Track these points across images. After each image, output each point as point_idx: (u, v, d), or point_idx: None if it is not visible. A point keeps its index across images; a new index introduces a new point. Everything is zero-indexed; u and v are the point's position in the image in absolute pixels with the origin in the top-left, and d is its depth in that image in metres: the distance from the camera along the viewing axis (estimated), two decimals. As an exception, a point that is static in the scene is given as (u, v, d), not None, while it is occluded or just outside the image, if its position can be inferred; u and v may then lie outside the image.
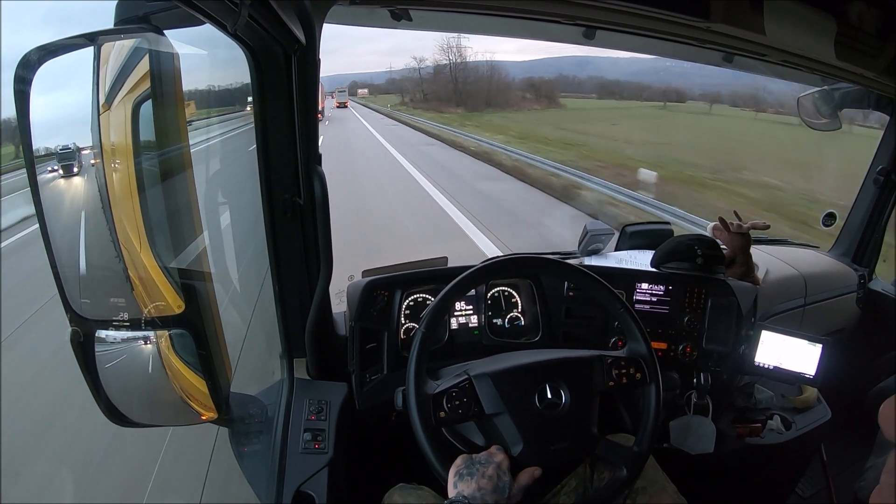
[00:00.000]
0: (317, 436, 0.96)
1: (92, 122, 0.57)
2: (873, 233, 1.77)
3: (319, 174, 0.97)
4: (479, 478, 0.77)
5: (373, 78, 49.62)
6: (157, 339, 0.64)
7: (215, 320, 0.71)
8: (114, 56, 0.57)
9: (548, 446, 0.84)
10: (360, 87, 46.26)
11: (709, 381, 1.26)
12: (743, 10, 1.02)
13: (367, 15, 1.01)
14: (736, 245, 1.40)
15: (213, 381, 0.68)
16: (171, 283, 0.63)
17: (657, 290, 1.30)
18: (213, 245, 1.24)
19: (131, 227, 0.60)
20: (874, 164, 1.70)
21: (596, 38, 1.15)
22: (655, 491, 0.97)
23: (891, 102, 1.55)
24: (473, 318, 1.27)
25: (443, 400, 0.84)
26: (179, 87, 0.61)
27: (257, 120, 0.93)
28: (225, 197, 1.40)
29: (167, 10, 0.62)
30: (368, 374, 1.15)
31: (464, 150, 13.91)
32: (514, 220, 6.71)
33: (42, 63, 0.56)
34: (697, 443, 1.27)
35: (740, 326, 1.28)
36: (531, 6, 1.03)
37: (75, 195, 0.60)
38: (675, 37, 1.14)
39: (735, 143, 13.17)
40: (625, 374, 0.91)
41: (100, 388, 0.64)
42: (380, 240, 5.18)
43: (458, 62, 31.52)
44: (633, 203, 6.80)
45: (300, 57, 0.88)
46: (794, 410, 1.35)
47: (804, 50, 1.19)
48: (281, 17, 0.73)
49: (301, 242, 1.03)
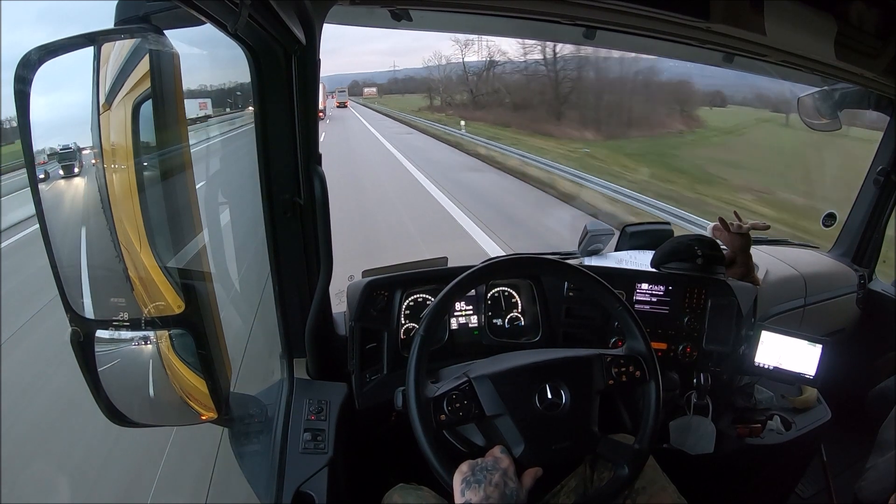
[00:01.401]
0: (317, 436, 0.96)
1: (92, 122, 0.57)
2: (873, 233, 1.77)
3: (319, 174, 0.97)
4: (487, 485, 0.77)
5: (374, 77, 46.87)
6: (157, 339, 0.64)
7: (215, 320, 0.71)
8: (114, 56, 0.56)
9: (549, 446, 0.84)
10: (366, 87, 43.20)
11: (709, 382, 1.26)
12: (743, 10, 1.02)
13: (367, 15, 1.01)
14: (736, 245, 1.40)
15: (213, 381, 0.68)
16: (171, 283, 0.63)
17: (657, 291, 1.30)
18: (214, 245, 1.24)
19: (131, 227, 0.60)
20: (874, 165, 1.70)
21: (596, 38, 1.16)
22: (655, 491, 0.97)
23: (891, 103, 1.55)
24: (473, 318, 1.27)
25: (443, 403, 0.84)
26: (179, 87, 0.61)
27: (257, 120, 0.93)
28: (225, 197, 1.40)
29: (167, 10, 0.62)
30: (368, 375, 1.15)
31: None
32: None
33: (42, 63, 0.56)
34: (697, 443, 1.27)
35: (740, 327, 1.28)
36: (531, 6, 1.03)
37: (75, 195, 0.60)
38: (675, 37, 1.14)
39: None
40: (624, 373, 0.91)
41: (100, 388, 0.64)
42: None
43: (560, 56, 17.68)
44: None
45: (300, 57, 0.88)
46: (794, 411, 1.35)
47: (804, 50, 1.19)
48: (281, 17, 0.73)
49: (301, 242, 1.03)
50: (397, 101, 31.33)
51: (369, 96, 40.59)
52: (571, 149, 12.69)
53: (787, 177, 7.74)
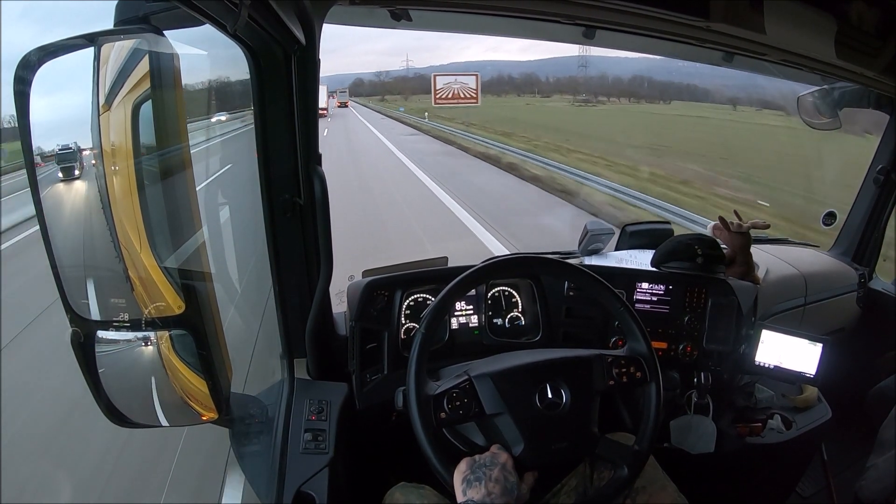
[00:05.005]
0: (317, 436, 0.96)
1: (92, 123, 0.57)
2: (873, 232, 1.77)
3: (319, 174, 0.97)
4: (487, 482, 0.77)
5: (380, 77, 46.93)
6: (158, 339, 0.63)
7: (215, 320, 0.71)
8: (114, 56, 0.56)
9: (548, 446, 0.84)
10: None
11: (709, 381, 1.26)
12: (743, 9, 1.02)
13: (367, 15, 1.01)
14: (736, 244, 1.40)
15: (214, 381, 0.68)
16: (172, 284, 0.63)
17: (657, 290, 1.30)
18: (214, 245, 1.24)
19: (131, 228, 0.60)
20: (874, 164, 1.70)
21: (596, 37, 1.15)
22: (655, 490, 0.97)
23: (891, 102, 1.55)
24: (474, 317, 1.27)
25: (443, 400, 0.84)
26: (179, 87, 0.61)
27: (257, 120, 0.93)
28: (225, 197, 1.40)
29: (167, 10, 0.62)
30: (369, 375, 1.15)
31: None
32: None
33: (42, 63, 0.55)
34: (698, 442, 1.27)
35: (741, 326, 1.28)
36: (531, 6, 1.03)
37: (75, 196, 0.60)
38: (674, 36, 1.14)
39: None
40: (625, 374, 0.91)
41: (100, 389, 0.64)
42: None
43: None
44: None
45: (300, 57, 0.88)
46: (795, 410, 1.35)
47: (804, 49, 1.19)
48: (281, 18, 0.73)
49: (301, 242, 1.03)
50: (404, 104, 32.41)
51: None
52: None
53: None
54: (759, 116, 12.74)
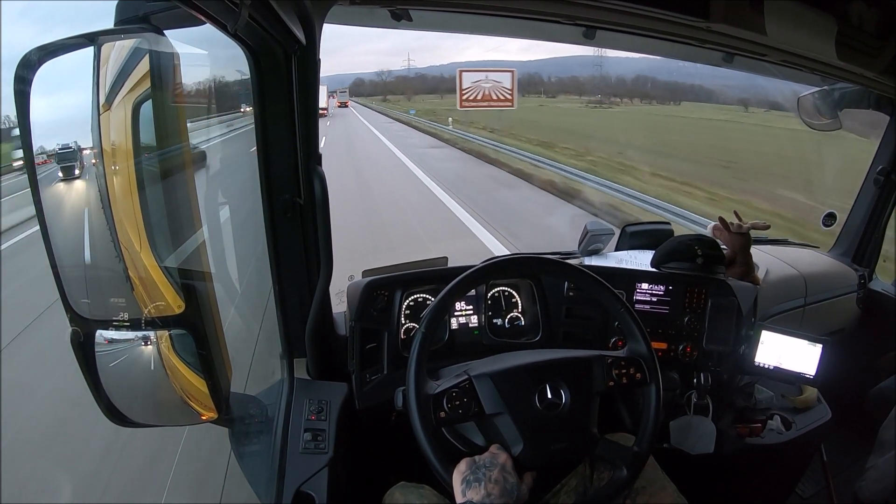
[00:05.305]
0: (317, 436, 0.96)
1: (92, 123, 0.57)
2: (873, 233, 1.77)
3: (319, 174, 0.97)
4: (487, 482, 0.77)
5: (381, 77, 46.17)
6: (158, 339, 0.64)
7: (215, 320, 0.71)
8: (114, 56, 0.57)
9: (548, 446, 0.84)
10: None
11: (709, 381, 1.26)
12: (743, 9, 1.02)
13: (367, 15, 1.01)
14: (736, 245, 1.40)
15: (214, 381, 0.68)
16: (171, 283, 0.63)
17: (657, 290, 1.30)
18: (214, 245, 1.24)
19: (131, 227, 0.60)
20: (874, 164, 1.70)
21: (596, 38, 1.16)
22: (655, 491, 0.97)
23: (891, 102, 1.55)
24: (473, 318, 1.27)
25: (443, 400, 0.84)
26: (179, 87, 0.61)
27: (257, 120, 0.93)
28: (225, 197, 1.40)
29: (167, 10, 0.62)
30: (368, 375, 1.14)
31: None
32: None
33: (42, 63, 0.56)
34: (697, 443, 1.27)
35: (740, 326, 1.28)
36: (531, 6, 1.03)
37: (75, 195, 0.60)
38: (675, 37, 1.14)
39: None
40: (625, 374, 0.91)
41: (100, 388, 0.64)
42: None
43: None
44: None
45: (300, 57, 0.88)
46: (795, 410, 1.35)
47: (804, 50, 1.19)
48: (281, 17, 0.73)
49: (301, 242, 1.03)
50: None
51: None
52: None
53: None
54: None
